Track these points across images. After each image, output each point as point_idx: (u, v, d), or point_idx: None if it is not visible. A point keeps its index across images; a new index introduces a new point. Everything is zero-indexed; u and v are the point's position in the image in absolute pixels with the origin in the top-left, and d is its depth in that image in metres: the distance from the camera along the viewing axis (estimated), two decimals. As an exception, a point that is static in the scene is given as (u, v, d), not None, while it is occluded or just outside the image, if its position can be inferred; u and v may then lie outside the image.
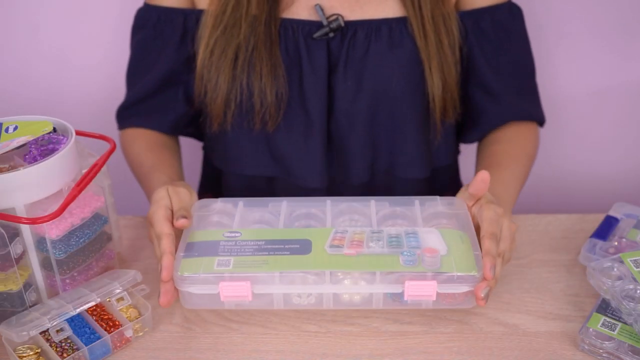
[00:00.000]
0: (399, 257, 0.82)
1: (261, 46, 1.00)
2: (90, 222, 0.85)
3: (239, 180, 1.14)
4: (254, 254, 0.84)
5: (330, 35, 1.02)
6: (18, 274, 0.80)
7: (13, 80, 1.43)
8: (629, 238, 0.94)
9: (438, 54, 1.02)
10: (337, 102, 1.05)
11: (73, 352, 0.78)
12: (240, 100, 1.02)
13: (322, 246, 0.84)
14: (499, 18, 1.07)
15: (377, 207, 0.93)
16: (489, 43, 1.07)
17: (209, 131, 1.09)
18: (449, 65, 1.03)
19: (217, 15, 1.01)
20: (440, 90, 1.03)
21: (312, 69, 1.03)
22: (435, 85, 1.03)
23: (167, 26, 1.06)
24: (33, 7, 1.36)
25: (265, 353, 0.82)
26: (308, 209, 0.93)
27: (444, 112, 1.05)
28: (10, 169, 0.80)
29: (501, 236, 0.87)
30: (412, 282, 0.81)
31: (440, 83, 1.03)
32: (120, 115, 1.13)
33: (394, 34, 1.02)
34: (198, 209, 0.93)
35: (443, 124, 1.07)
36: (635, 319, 0.79)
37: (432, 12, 1.01)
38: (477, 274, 0.81)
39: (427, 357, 0.81)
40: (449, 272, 0.81)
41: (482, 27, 1.06)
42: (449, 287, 0.81)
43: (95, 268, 0.88)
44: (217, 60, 1.01)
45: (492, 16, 1.06)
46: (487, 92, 1.09)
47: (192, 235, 0.88)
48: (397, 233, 0.87)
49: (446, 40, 1.02)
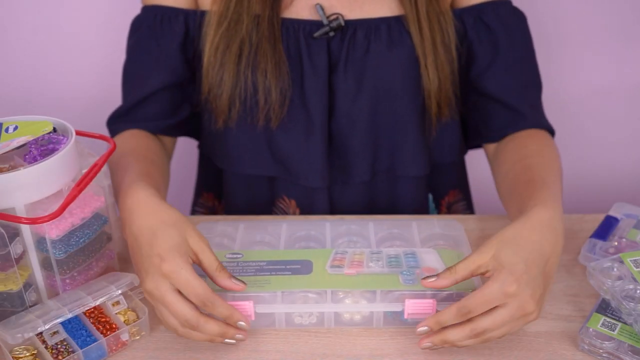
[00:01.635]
0: (398, 276, 0.84)
1: (265, 43, 1.01)
2: (90, 222, 0.85)
3: (240, 180, 1.14)
4: (256, 274, 0.85)
5: (331, 35, 1.02)
6: (18, 274, 0.80)
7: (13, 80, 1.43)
8: (629, 238, 0.94)
9: (433, 51, 1.02)
10: (338, 101, 1.05)
11: (68, 354, 0.78)
12: (245, 97, 1.03)
13: (323, 266, 0.86)
14: (502, 13, 1.05)
15: (375, 228, 0.96)
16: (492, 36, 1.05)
17: (213, 128, 1.09)
18: (443, 62, 1.03)
19: (220, 13, 1.02)
20: (436, 86, 1.03)
21: (313, 68, 1.03)
22: (431, 81, 1.03)
23: (166, 26, 1.05)
24: (33, 7, 1.36)
25: (265, 353, 0.82)
26: (308, 231, 0.96)
27: (439, 109, 1.06)
28: (10, 169, 0.80)
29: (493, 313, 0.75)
30: (412, 301, 0.82)
31: (436, 80, 1.03)
32: (112, 121, 1.09)
33: (393, 32, 1.03)
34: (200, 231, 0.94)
35: (439, 121, 1.08)
36: (635, 319, 0.79)
37: (427, 10, 1.01)
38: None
39: (427, 357, 0.81)
40: (448, 291, 0.82)
41: (485, 21, 1.04)
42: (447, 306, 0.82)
43: (95, 268, 0.88)
44: (222, 56, 1.02)
45: (495, 10, 1.05)
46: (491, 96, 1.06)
47: None
48: (396, 253, 0.88)
49: (439, 38, 1.03)
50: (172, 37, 1.06)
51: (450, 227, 0.96)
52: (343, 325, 0.86)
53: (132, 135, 1.06)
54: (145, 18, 1.07)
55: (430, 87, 1.03)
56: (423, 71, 1.03)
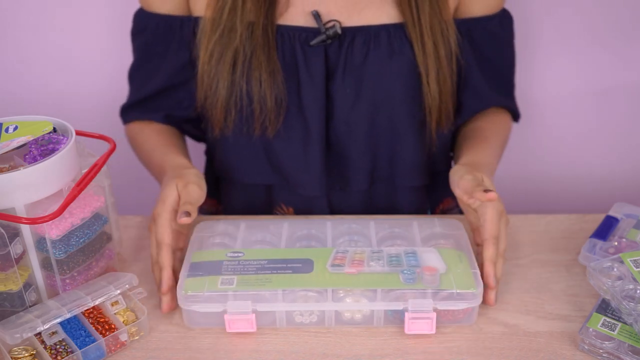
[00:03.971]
0: (399, 275, 0.84)
1: (259, 52, 0.99)
2: (90, 222, 0.85)
3: (237, 187, 1.14)
4: (257, 273, 0.86)
5: (328, 42, 1.01)
6: (18, 274, 0.80)
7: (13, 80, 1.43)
8: (629, 238, 0.94)
9: (435, 64, 1.01)
10: (336, 109, 1.04)
11: (67, 354, 0.78)
12: (240, 106, 1.02)
13: (324, 265, 0.86)
14: (491, 29, 1.08)
15: (376, 228, 0.96)
16: (479, 51, 1.08)
17: (210, 136, 1.09)
18: (445, 75, 1.03)
19: (214, 20, 1.00)
20: (437, 101, 1.03)
21: (310, 76, 1.02)
22: (432, 96, 1.03)
23: (166, 33, 1.05)
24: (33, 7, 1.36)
25: (265, 353, 0.82)
26: (309, 230, 0.96)
27: (439, 122, 1.05)
28: (11, 169, 0.80)
29: (500, 235, 0.90)
30: (412, 316, 0.82)
31: (437, 95, 1.03)
32: (125, 110, 1.13)
33: (393, 40, 1.01)
34: (201, 230, 0.96)
35: (438, 134, 1.07)
36: (635, 319, 0.79)
37: (430, 21, 1.00)
38: (476, 291, 0.83)
39: (427, 357, 0.81)
40: (449, 290, 0.82)
41: (474, 37, 1.06)
42: (448, 304, 0.83)
43: (95, 268, 0.88)
44: (216, 64, 1.01)
45: (485, 27, 1.07)
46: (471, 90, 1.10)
47: (196, 255, 0.90)
48: (397, 253, 0.89)
49: (443, 51, 1.02)
50: (171, 43, 1.05)
51: (451, 227, 0.95)
52: (344, 324, 0.86)
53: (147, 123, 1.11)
54: (148, 24, 1.06)
55: (430, 102, 1.03)
56: (424, 85, 1.02)
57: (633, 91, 1.42)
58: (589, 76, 1.41)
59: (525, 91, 1.40)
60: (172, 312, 0.88)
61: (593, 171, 1.50)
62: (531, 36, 1.36)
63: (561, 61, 1.40)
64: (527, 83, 1.39)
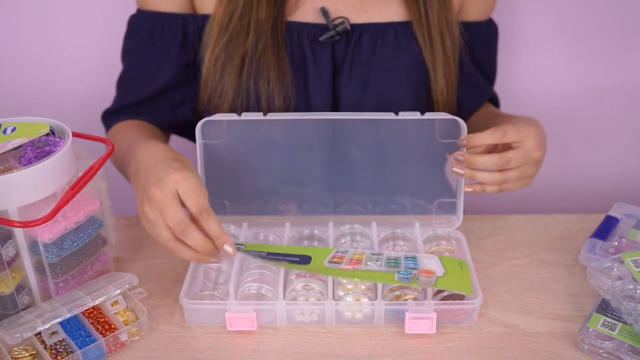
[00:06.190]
0: (394, 274, 0.84)
1: (268, 51, 1.00)
2: (84, 226, 0.84)
3: None
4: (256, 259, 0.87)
5: (337, 39, 1.02)
6: (10, 277, 0.79)
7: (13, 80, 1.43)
8: (629, 238, 0.94)
9: (442, 60, 1.03)
10: (342, 104, 1.05)
11: (67, 354, 0.78)
12: (247, 106, 1.02)
13: (321, 261, 0.87)
14: (483, 34, 1.12)
15: (378, 229, 0.96)
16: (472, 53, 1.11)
17: None
18: (451, 70, 1.05)
19: (222, 23, 1.00)
20: (444, 95, 1.05)
21: (317, 71, 1.02)
22: (439, 91, 1.04)
23: (166, 32, 1.04)
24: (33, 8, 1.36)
25: (265, 353, 0.82)
26: (311, 230, 0.97)
27: None
28: (5, 171, 0.79)
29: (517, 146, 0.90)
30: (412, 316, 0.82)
31: (445, 89, 1.04)
32: (108, 115, 1.10)
33: (400, 38, 1.03)
34: None
35: None
36: (635, 319, 0.79)
37: (438, 19, 1.02)
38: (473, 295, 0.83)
39: (427, 357, 0.81)
40: (448, 291, 0.83)
41: (467, 40, 1.09)
42: (446, 303, 0.83)
43: (89, 272, 0.88)
44: (222, 68, 1.00)
45: (478, 32, 1.10)
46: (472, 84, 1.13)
47: None
48: (397, 256, 0.89)
49: (449, 46, 1.04)
50: (172, 43, 1.04)
51: (453, 229, 0.96)
52: (344, 323, 0.86)
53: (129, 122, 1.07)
54: (145, 24, 1.05)
55: (438, 97, 1.05)
56: (432, 81, 1.04)
57: (633, 91, 1.42)
58: (589, 76, 1.41)
59: (525, 91, 1.40)
60: (173, 312, 0.88)
61: (593, 171, 1.50)
62: (531, 36, 1.37)
63: (562, 61, 1.40)
64: (527, 83, 1.39)
